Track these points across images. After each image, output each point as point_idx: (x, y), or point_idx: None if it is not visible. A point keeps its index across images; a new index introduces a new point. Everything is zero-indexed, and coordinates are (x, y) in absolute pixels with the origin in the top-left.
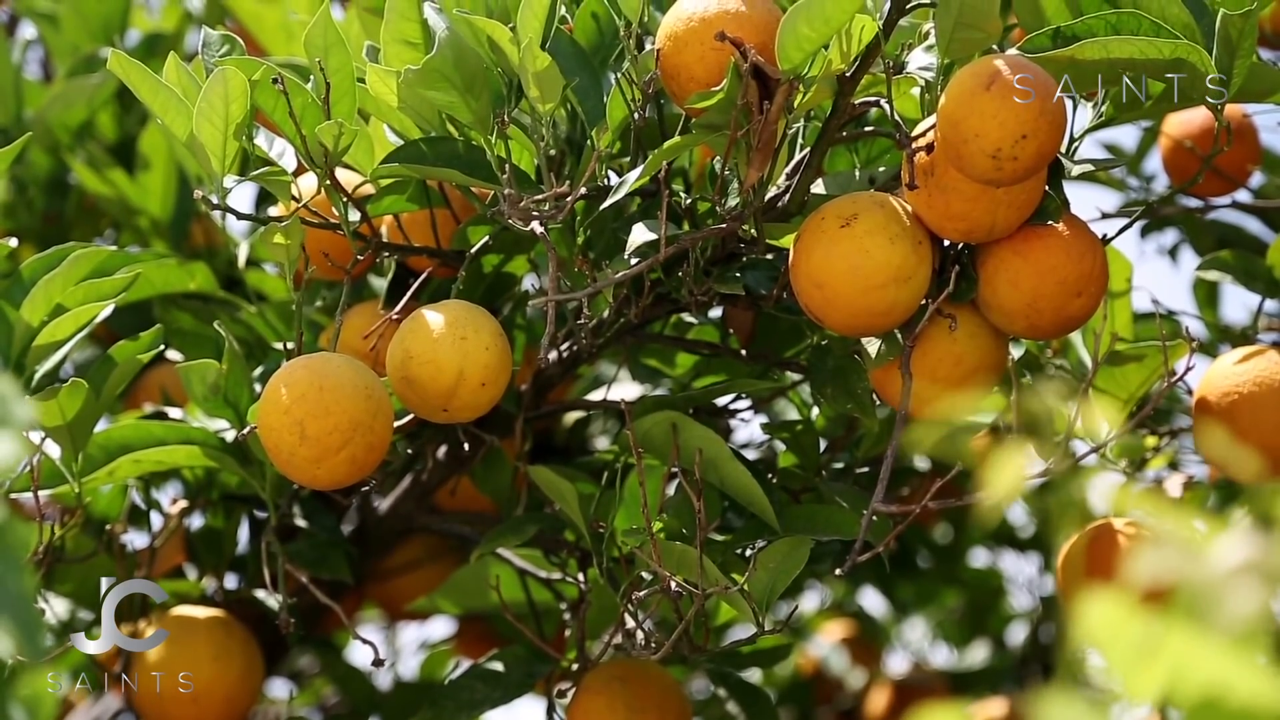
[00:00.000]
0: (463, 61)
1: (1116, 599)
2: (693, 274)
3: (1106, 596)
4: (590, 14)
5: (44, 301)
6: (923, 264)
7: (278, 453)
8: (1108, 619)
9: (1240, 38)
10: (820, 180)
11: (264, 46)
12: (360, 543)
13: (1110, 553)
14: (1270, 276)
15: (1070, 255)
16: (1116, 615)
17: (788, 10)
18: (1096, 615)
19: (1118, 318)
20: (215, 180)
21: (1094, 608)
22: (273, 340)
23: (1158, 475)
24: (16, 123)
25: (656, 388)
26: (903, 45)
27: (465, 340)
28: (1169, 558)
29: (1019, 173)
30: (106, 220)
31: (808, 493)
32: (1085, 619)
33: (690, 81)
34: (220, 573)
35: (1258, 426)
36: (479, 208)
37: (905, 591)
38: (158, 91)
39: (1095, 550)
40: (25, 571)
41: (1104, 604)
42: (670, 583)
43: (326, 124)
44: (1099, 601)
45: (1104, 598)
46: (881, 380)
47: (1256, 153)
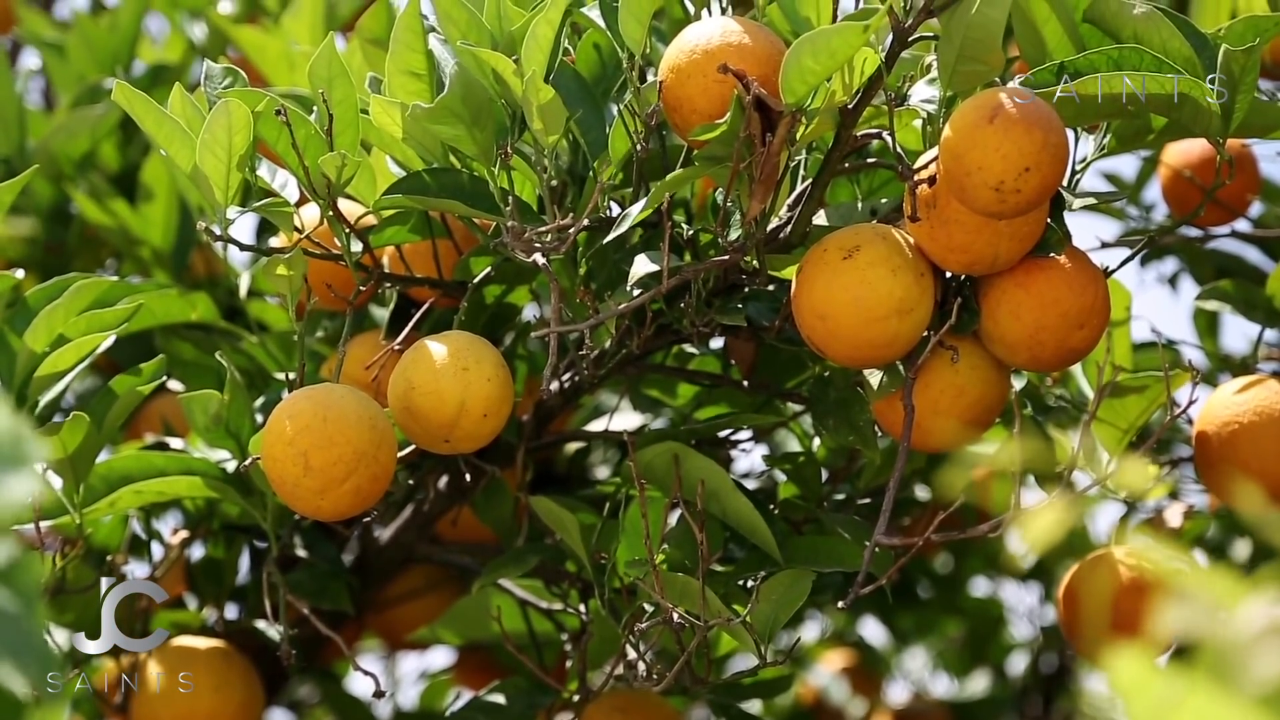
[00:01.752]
0: (470, 96)
1: (1141, 655)
2: (695, 305)
3: (1131, 652)
4: (593, 46)
5: (46, 332)
6: (925, 296)
7: (282, 484)
8: (1132, 675)
9: (1242, 73)
10: (822, 212)
11: (266, 77)
12: (361, 573)
13: (1122, 594)
14: (1270, 306)
15: (1072, 288)
16: (1141, 672)
17: (792, 43)
18: (1121, 671)
19: (1118, 347)
20: (218, 211)
21: (1121, 664)
22: (274, 371)
23: (1158, 504)
24: (20, 152)
25: (658, 418)
26: (905, 77)
27: (467, 371)
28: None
29: (1021, 205)
30: (108, 250)
31: (809, 524)
32: (1110, 674)
33: (693, 113)
34: (221, 603)
35: (1258, 456)
36: (481, 239)
37: (906, 621)
38: (162, 122)
39: (1108, 591)
40: (39, 609)
41: (1128, 660)
42: (672, 614)
43: (329, 155)
44: (1123, 657)
45: (1128, 653)
46: (883, 412)
47: (1256, 182)
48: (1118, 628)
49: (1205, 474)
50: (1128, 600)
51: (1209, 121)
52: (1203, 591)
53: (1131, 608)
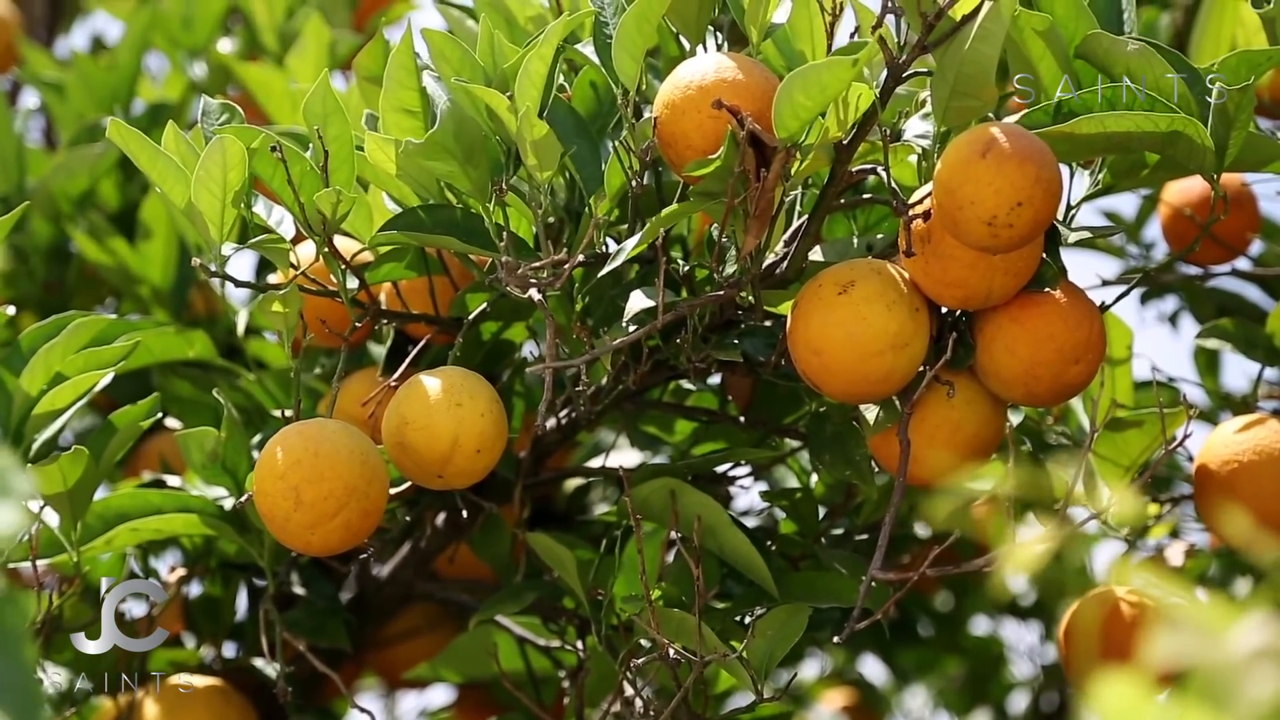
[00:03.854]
0: (463, 132)
1: (1131, 682)
2: (691, 341)
3: (1121, 679)
4: (588, 82)
5: (44, 370)
6: (920, 331)
7: (272, 518)
8: (1123, 703)
9: (1237, 110)
10: (818, 247)
11: (271, 115)
12: (359, 610)
13: (1123, 632)
14: (1270, 344)
15: (1067, 323)
16: (1132, 699)
17: (784, 79)
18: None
19: (1118, 385)
20: (214, 248)
21: (1109, 691)
22: (271, 408)
23: (1159, 543)
24: (19, 191)
25: (655, 454)
26: (899, 113)
27: (460, 407)
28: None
29: (1015, 240)
30: (107, 288)
31: (807, 560)
32: (1100, 702)
33: (688, 149)
34: (218, 641)
35: (1258, 495)
36: (477, 275)
37: (906, 659)
38: (156, 160)
39: (1109, 629)
40: (26, 647)
41: (1119, 687)
42: (669, 650)
43: (325, 191)
44: (1114, 684)
45: (1119, 680)
46: (880, 447)
47: (1255, 220)
48: (1118, 665)
49: (1206, 512)
50: (1129, 638)
51: (1203, 157)
52: (1196, 618)
53: (1132, 645)
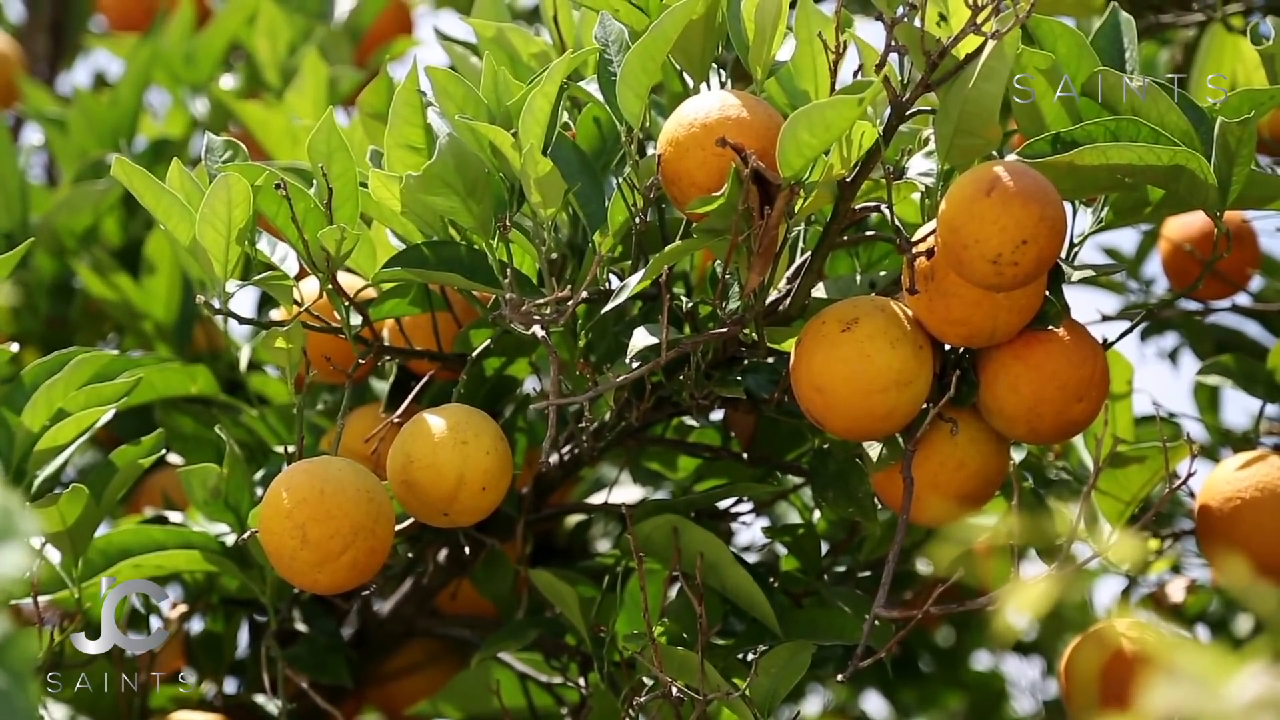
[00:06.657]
0: (464, 167)
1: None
2: (694, 377)
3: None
4: (592, 119)
5: (45, 406)
6: (923, 368)
7: (279, 556)
8: None
9: (1239, 145)
10: (821, 284)
11: (269, 151)
12: (360, 646)
13: (1124, 669)
14: (1271, 381)
15: (1071, 360)
16: None
17: (789, 117)
18: None
19: (1119, 420)
20: (217, 285)
21: None
22: (274, 444)
23: (1161, 578)
24: (22, 227)
25: (658, 490)
26: (903, 151)
27: (466, 445)
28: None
29: (1019, 278)
30: (111, 324)
31: (809, 597)
32: None
33: (691, 186)
34: (220, 677)
35: (1260, 532)
36: (481, 311)
37: (908, 695)
38: (160, 197)
39: (1110, 667)
40: (31, 686)
41: None
42: (671, 687)
43: (329, 228)
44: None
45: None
46: (883, 484)
47: (1256, 257)
48: (1119, 702)
49: (1207, 548)
50: (1129, 674)
51: (1206, 194)
52: (1195, 665)
53: (1133, 683)
